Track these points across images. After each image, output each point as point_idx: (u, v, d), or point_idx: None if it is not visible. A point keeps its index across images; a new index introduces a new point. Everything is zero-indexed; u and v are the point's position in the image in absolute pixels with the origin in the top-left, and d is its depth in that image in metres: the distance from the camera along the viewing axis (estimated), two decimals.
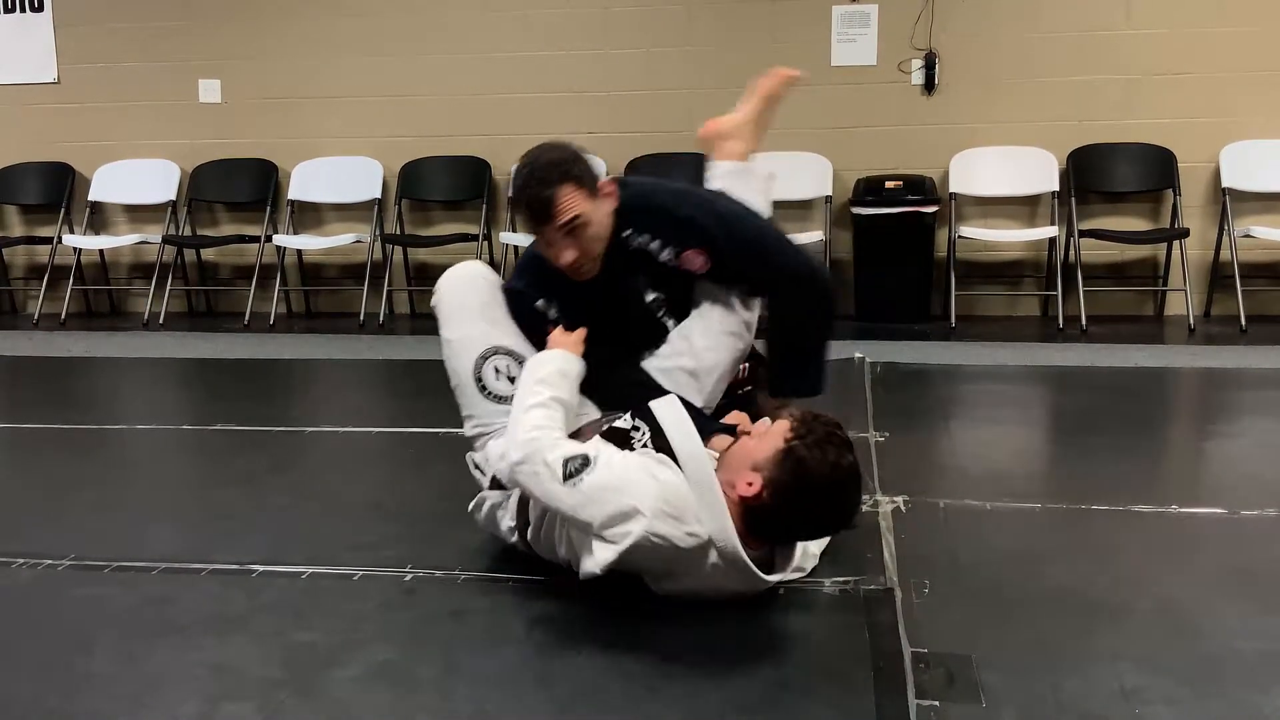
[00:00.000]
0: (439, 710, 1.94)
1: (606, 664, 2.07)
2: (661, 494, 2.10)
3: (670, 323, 2.63)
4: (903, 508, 2.87)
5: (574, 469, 2.14)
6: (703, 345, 2.59)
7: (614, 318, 2.59)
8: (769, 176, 2.92)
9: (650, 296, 2.61)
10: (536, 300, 2.59)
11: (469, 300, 2.60)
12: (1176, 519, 2.83)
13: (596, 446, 2.20)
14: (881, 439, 3.52)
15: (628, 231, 2.54)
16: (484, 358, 2.54)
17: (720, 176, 2.88)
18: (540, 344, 2.52)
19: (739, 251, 2.56)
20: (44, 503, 3.16)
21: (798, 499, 2.12)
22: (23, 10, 6.82)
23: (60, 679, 2.07)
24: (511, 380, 2.50)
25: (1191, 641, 2.14)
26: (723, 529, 2.12)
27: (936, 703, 1.89)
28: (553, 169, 2.41)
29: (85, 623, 2.31)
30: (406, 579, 2.46)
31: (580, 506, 2.13)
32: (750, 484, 2.12)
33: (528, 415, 2.28)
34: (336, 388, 5.04)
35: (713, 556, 2.14)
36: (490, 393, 2.53)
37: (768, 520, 2.16)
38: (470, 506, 2.58)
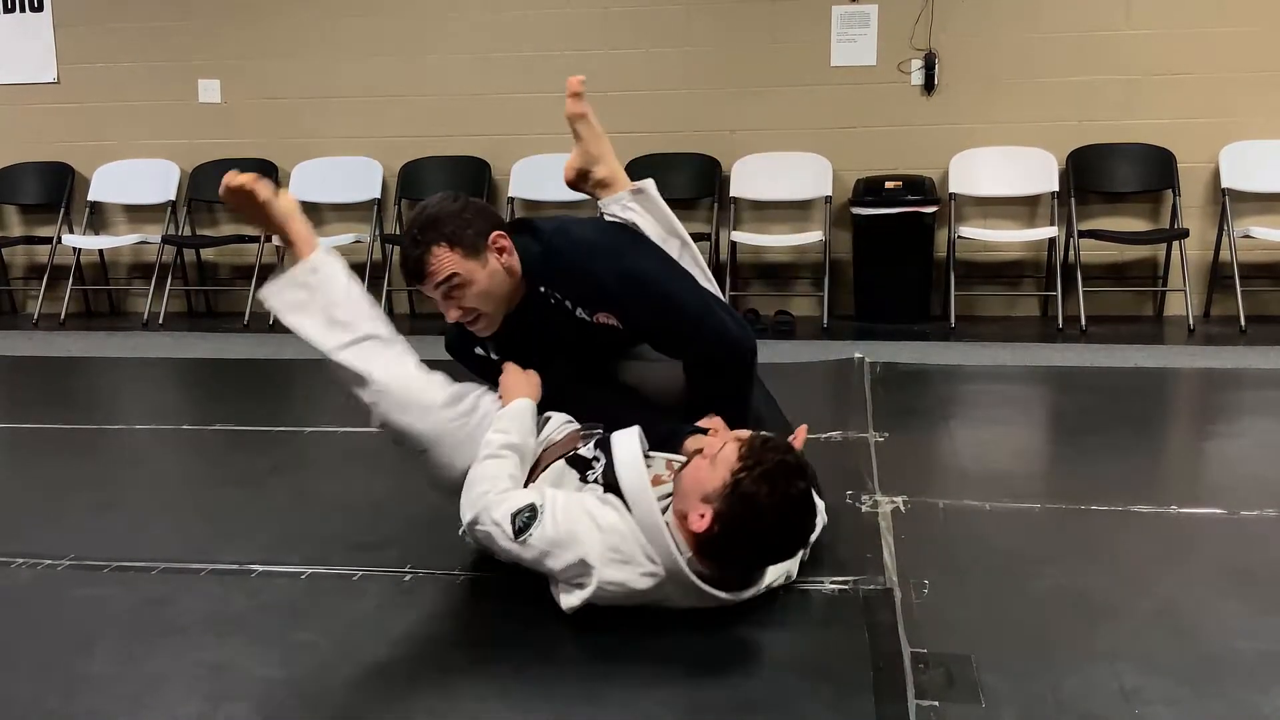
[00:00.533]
0: (438, 711, 1.94)
1: (605, 665, 2.07)
2: (605, 542, 2.13)
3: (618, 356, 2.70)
4: (902, 508, 2.87)
5: (522, 524, 2.18)
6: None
7: (554, 349, 2.62)
8: (641, 190, 2.81)
9: (579, 312, 2.57)
10: (474, 347, 2.65)
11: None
12: (1176, 519, 2.83)
13: (542, 493, 2.23)
14: (881, 439, 3.52)
15: (544, 289, 2.54)
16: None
17: (613, 214, 2.81)
18: (494, 384, 2.56)
19: (648, 318, 2.52)
20: (43, 503, 3.16)
21: (746, 532, 2.08)
22: (22, 10, 6.82)
23: (60, 679, 2.07)
24: None
25: (1191, 642, 2.14)
26: (674, 565, 2.11)
27: (936, 703, 1.89)
28: (427, 228, 2.43)
29: (85, 623, 2.31)
30: (406, 579, 2.46)
31: (537, 561, 2.18)
32: (701, 516, 2.08)
33: (479, 469, 2.33)
34: (336, 388, 5.02)
35: (673, 588, 2.14)
36: None
37: (720, 552, 2.12)
38: (461, 531, 2.53)
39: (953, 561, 2.55)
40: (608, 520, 2.15)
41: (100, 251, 6.87)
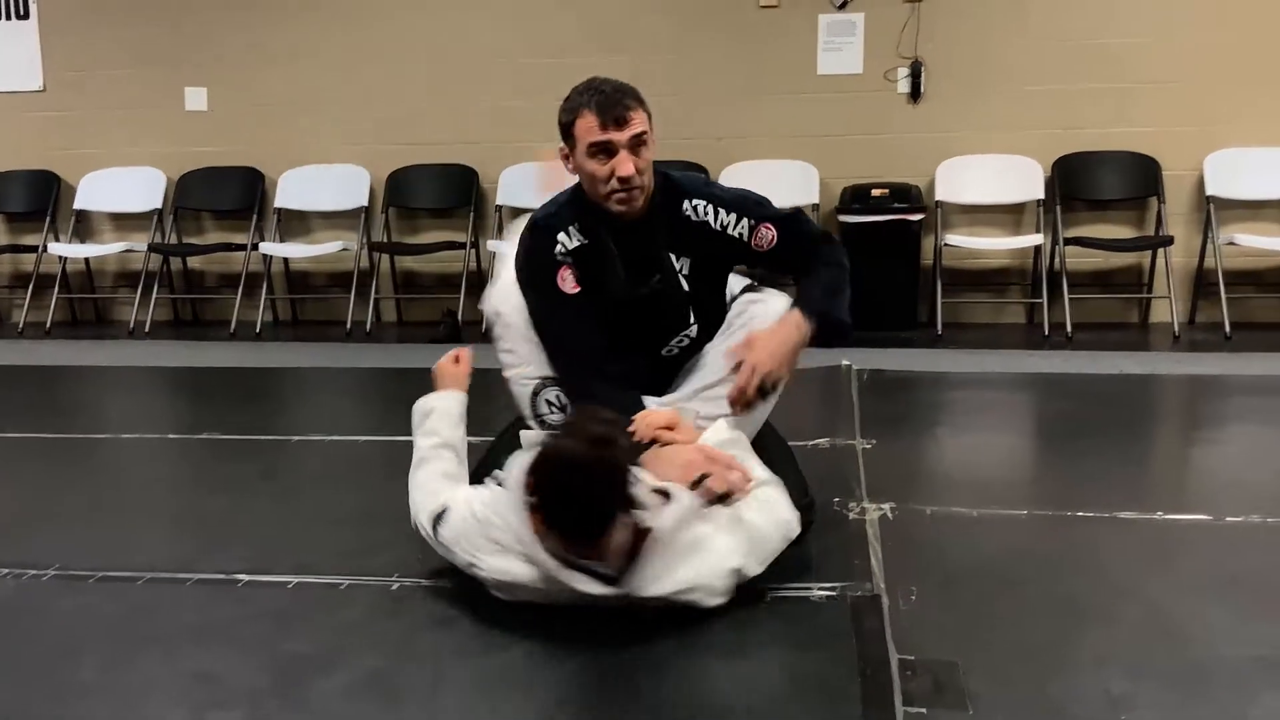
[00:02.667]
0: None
1: (593, 672, 2.07)
2: (482, 532, 2.25)
3: (692, 314, 2.68)
4: (889, 515, 2.88)
5: (437, 524, 2.35)
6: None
7: (634, 286, 2.61)
8: None
9: (684, 283, 2.65)
10: (555, 246, 2.60)
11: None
12: (1162, 525, 2.84)
13: (452, 495, 2.38)
14: (868, 446, 3.52)
15: (689, 202, 2.62)
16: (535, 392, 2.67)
17: None
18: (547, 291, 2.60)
19: (790, 222, 2.69)
20: (29, 512, 3.14)
21: (547, 492, 2.12)
22: (8, 18, 6.80)
23: (46, 689, 2.06)
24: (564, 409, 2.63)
25: (1178, 648, 2.14)
26: (530, 547, 2.16)
27: (924, 710, 1.89)
28: (623, 89, 2.53)
29: (71, 633, 2.30)
30: (394, 588, 2.46)
31: (451, 556, 2.33)
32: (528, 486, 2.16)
33: (413, 476, 2.50)
34: (323, 396, 5.03)
35: (549, 572, 2.17)
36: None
37: (545, 520, 2.14)
38: None
39: (940, 568, 2.55)
40: (483, 511, 2.26)
41: (86, 260, 6.85)
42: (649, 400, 2.62)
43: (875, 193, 5.91)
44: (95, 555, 2.71)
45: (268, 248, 6.49)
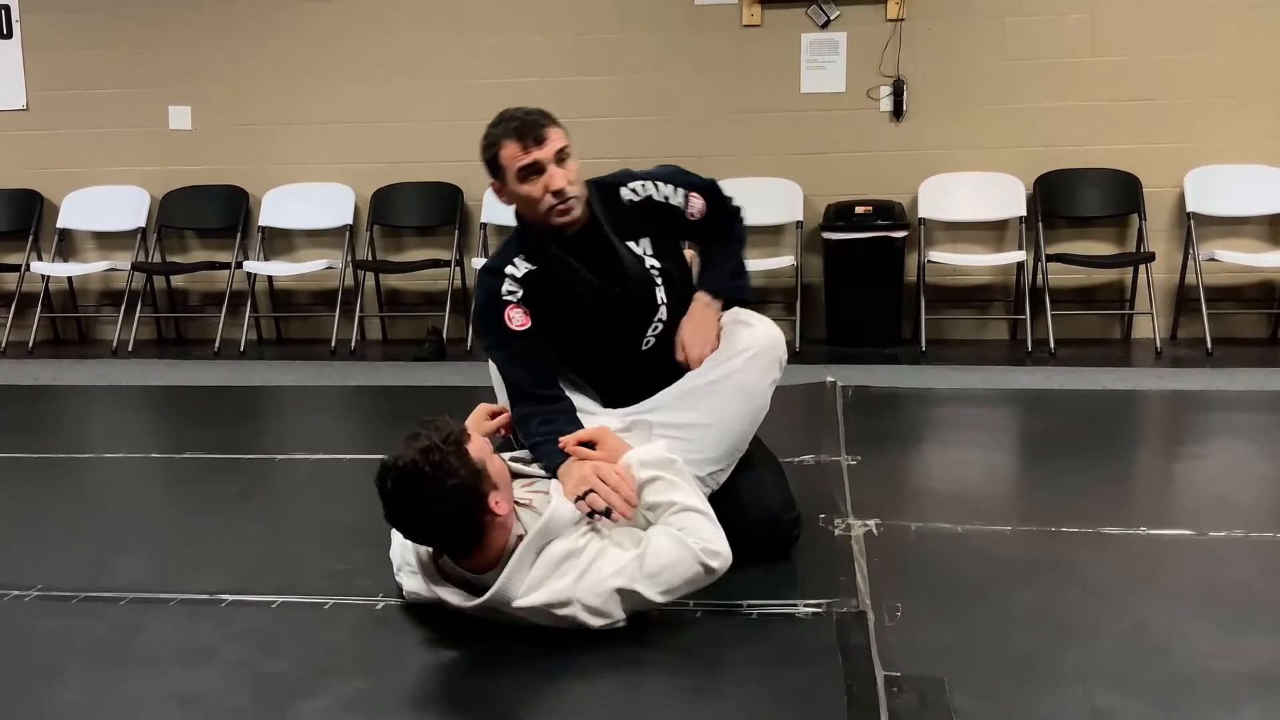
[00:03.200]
0: None
1: (579, 691, 2.07)
2: (399, 554, 2.43)
3: (661, 292, 2.71)
4: (875, 531, 2.88)
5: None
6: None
7: (606, 286, 2.64)
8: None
9: (651, 263, 2.71)
10: (503, 283, 2.63)
11: None
12: (1145, 540, 2.85)
13: None
14: (853, 462, 3.53)
15: (625, 188, 2.72)
16: None
17: None
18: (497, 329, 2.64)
19: (711, 193, 2.82)
20: (11, 532, 3.13)
21: (384, 502, 2.20)
22: None
23: (28, 710, 2.05)
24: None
25: (1162, 662, 2.15)
26: (408, 560, 2.33)
27: None
28: (541, 112, 2.62)
29: (53, 653, 2.28)
30: (379, 607, 2.45)
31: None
32: None
33: None
34: (308, 414, 5.01)
35: (426, 585, 2.29)
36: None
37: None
38: None
39: (925, 584, 2.56)
40: (396, 535, 2.36)
41: (69, 279, 6.82)
42: (607, 415, 2.63)
43: (859, 210, 5.93)
44: (78, 575, 2.70)
45: (252, 266, 6.48)
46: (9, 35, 6.77)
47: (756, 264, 6.06)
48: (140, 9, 6.61)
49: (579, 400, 2.67)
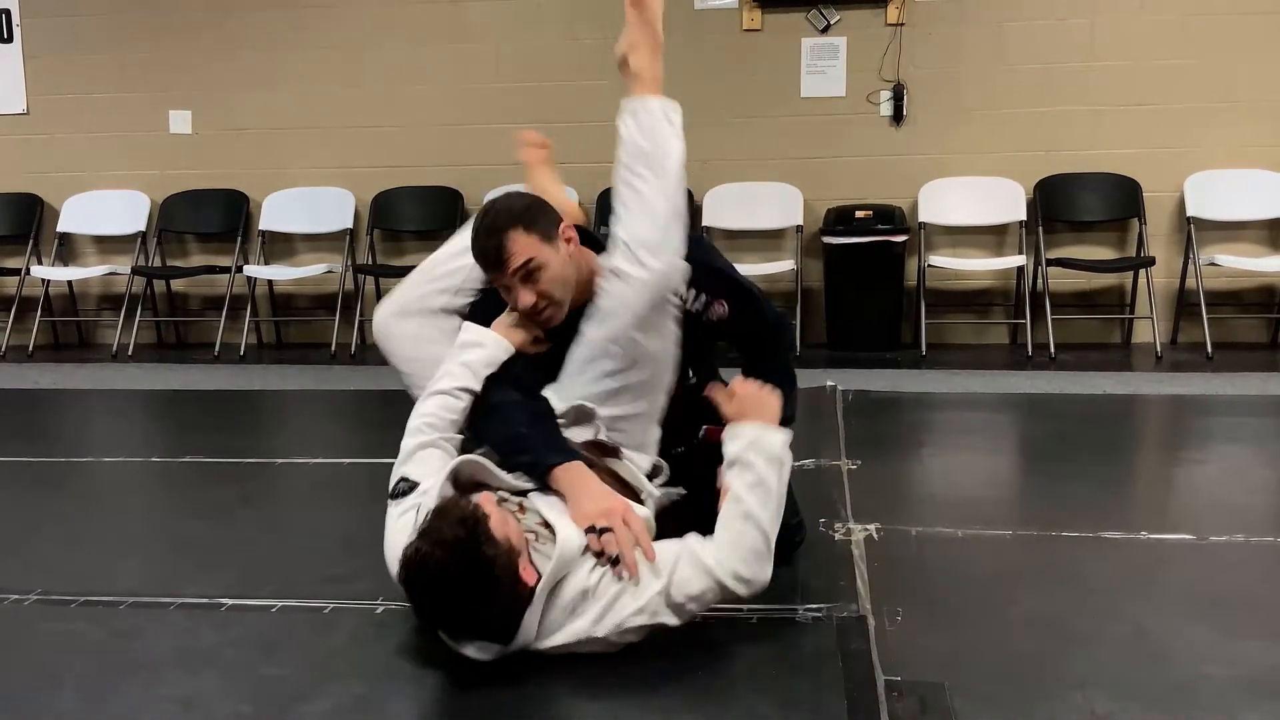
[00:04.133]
0: None
1: (578, 695, 2.07)
2: (387, 551, 2.28)
3: (689, 371, 2.62)
4: (875, 535, 2.88)
5: (398, 490, 2.36)
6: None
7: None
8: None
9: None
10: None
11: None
12: (1146, 545, 2.85)
13: (427, 486, 2.31)
14: (853, 467, 3.53)
15: None
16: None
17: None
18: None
19: (744, 304, 2.61)
20: (10, 536, 3.12)
21: (410, 597, 2.09)
22: None
23: (27, 715, 2.05)
24: None
25: (1162, 667, 2.15)
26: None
27: None
28: (501, 215, 2.41)
29: (52, 658, 2.28)
30: (378, 612, 2.45)
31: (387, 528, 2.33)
32: None
33: (421, 403, 2.52)
34: (308, 419, 5.02)
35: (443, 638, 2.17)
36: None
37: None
38: None
39: (925, 588, 2.55)
40: (390, 535, 2.27)
41: (69, 283, 6.82)
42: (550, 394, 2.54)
43: (859, 215, 5.94)
44: (77, 580, 2.69)
45: (252, 270, 6.48)
46: (9, 39, 6.78)
47: (756, 268, 6.07)
48: (140, 13, 6.62)
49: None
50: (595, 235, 2.64)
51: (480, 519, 2.03)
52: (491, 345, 2.50)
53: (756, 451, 2.25)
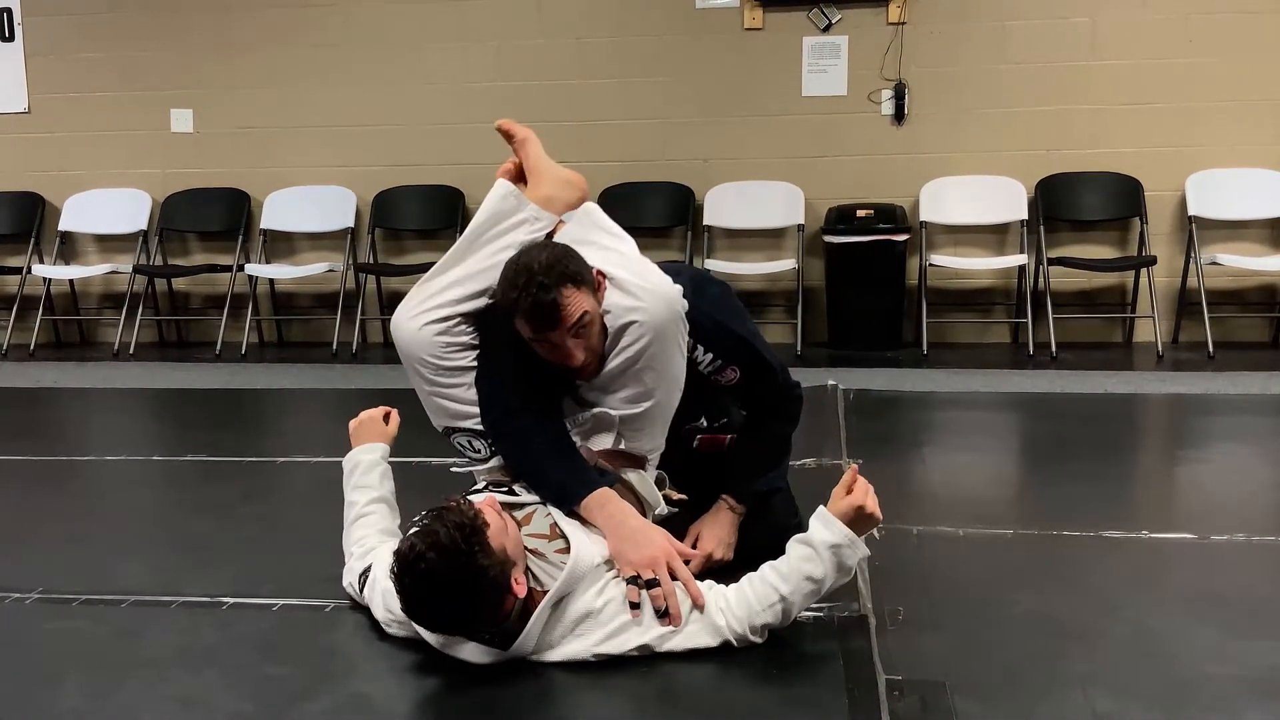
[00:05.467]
0: None
1: (578, 695, 2.07)
2: (386, 605, 2.27)
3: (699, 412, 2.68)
4: (876, 534, 2.87)
5: (363, 583, 2.39)
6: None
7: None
8: (590, 213, 2.67)
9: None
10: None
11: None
12: (1147, 544, 2.85)
13: (376, 554, 2.39)
14: (855, 466, 3.52)
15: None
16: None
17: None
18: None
19: (758, 373, 2.61)
20: (11, 535, 3.13)
21: (403, 598, 2.07)
22: None
23: (28, 713, 2.05)
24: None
25: (1163, 666, 2.15)
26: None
27: None
28: (550, 271, 2.30)
29: (54, 656, 2.28)
30: None
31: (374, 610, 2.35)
32: None
33: (348, 534, 2.59)
34: (309, 417, 5.01)
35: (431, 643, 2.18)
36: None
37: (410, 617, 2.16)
38: None
39: (926, 588, 2.55)
40: (386, 584, 2.21)
41: (71, 281, 6.82)
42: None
43: (860, 214, 5.93)
44: (79, 578, 2.69)
45: (253, 269, 6.48)
46: (11, 38, 6.78)
47: (757, 267, 6.08)
48: (142, 12, 6.62)
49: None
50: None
51: (478, 528, 2.03)
52: (364, 458, 2.67)
53: (835, 554, 2.18)
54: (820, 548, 2.17)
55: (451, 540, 1.99)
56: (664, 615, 2.15)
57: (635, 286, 2.41)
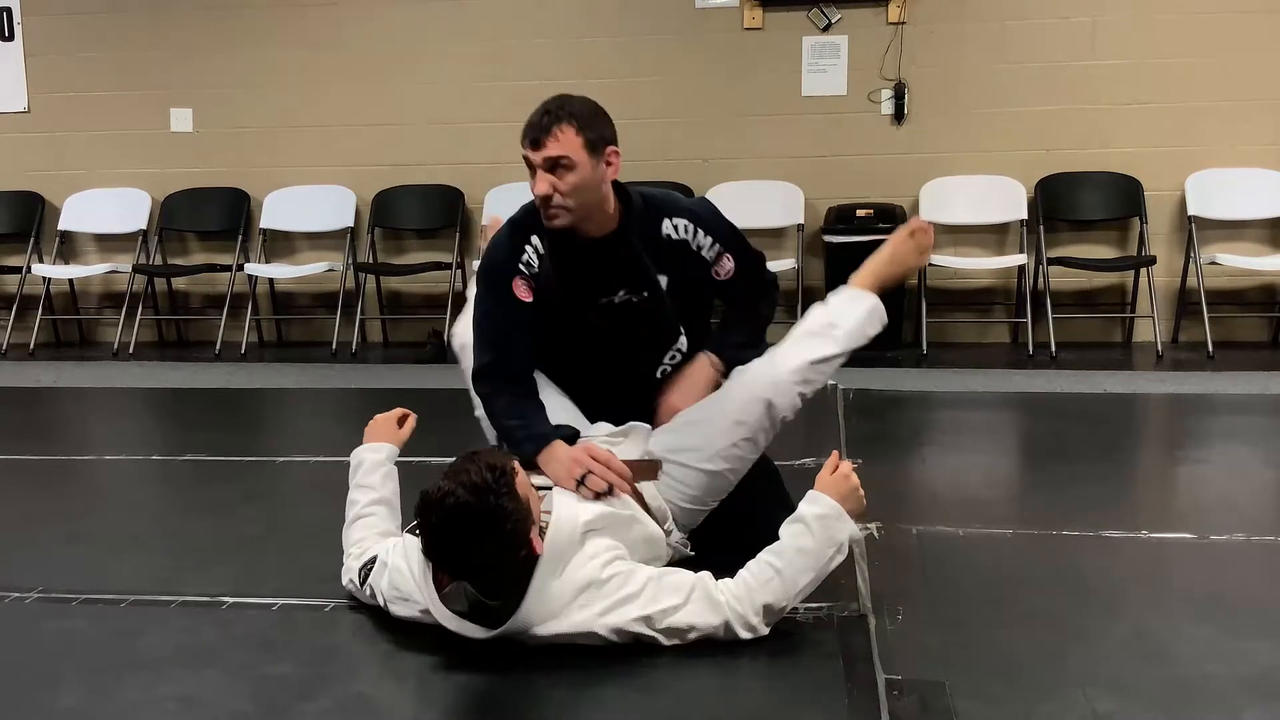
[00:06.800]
0: None
1: (580, 693, 2.07)
2: (391, 582, 2.29)
3: (680, 328, 2.69)
4: (876, 534, 2.88)
5: (365, 574, 2.38)
6: (716, 450, 2.57)
7: (601, 313, 2.61)
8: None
9: (666, 299, 2.64)
10: (514, 279, 2.57)
11: None
12: (1147, 544, 2.85)
13: (383, 547, 2.39)
14: (854, 465, 3.51)
15: (669, 221, 2.59)
16: None
17: None
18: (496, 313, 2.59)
19: (750, 263, 2.73)
20: (11, 534, 3.13)
21: (425, 538, 2.12)
22: None
23: (27, 713, 2.05)
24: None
25: (1163, 666, 2.15)
26: (420, 588, 2.20)
27: None
28: (564, 104, 2.53)
29: (53, 656, 2.28)
30: (379, 610, 2.44)
31: (377, 601, 2.35)
32: None
33: (348, 532, 2.58)
34: (308, 417, 5.01)
35: (439, 620, 2.18)
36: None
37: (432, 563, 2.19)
38: None
39: (926, 587, 2.56)
40: (394, 559, 2.28)
41: (70, 281, 6.82)
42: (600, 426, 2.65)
43: (860, 213, 5.93)
44: (78, 578, 2.70)
45: (253, 268, 6.48)
46: (10, 38, 6.78)
47: None
48: (142, 12, 6.62)
49: (561, 406, 2.65)
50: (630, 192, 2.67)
51: (507, 471, 2.10)
52: (369, 456, 2.67)
53: (822, 526, 2.24)
54: (809, 519, 2.25)
55: (482, 478, 2.05)
56: (609, 492, 2.30)
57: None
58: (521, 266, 2.57)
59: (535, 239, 2.58)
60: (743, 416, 2.57)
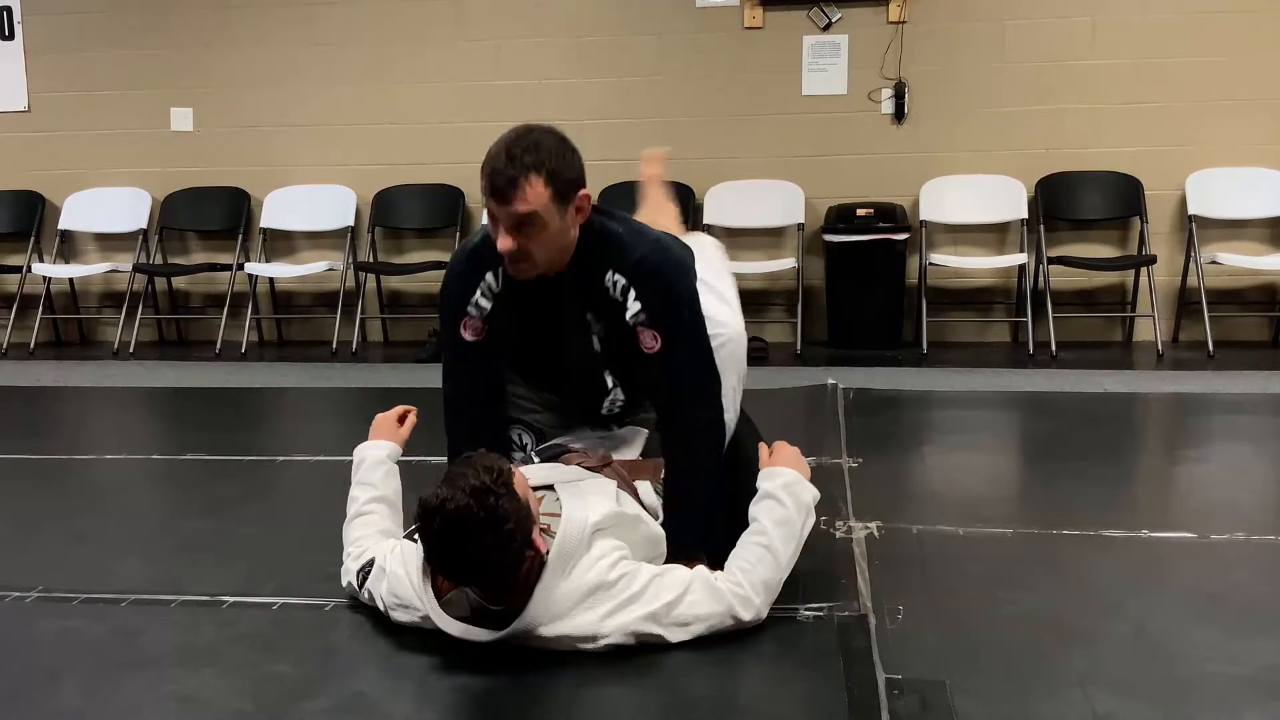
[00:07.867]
0: None
1: (579, 694, 2.07)
2: (390, 589, 2.29)
3: (609, 378, 2.57)
4: (876, 534, 2.88)
5: (363, 577, 2.38)
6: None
7: (550, 342, 2.56)
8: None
9: (597, 346, 2.51)
10: (474, 294, 2.49)
11: None
12: (1147, 543, 2.85)
13: (378, 548, 2.39)
14: (854, 465, 3.53)
15: (612, 273, 2.40)
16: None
17: None
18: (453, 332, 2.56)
19: (688, 361, 2.44)
20: (11, 534, 3.13)
21: (427, 544, 2.12)
22: None
23: (28, 712, 2.05)
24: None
25: (1163, 666, 2.15)
26: (419, 595, 2.20)
27: None
28: (531, 151, 2.25)
29: (54, 655, 2.28)
30: (379, 610, 2.44)
31: (377, 605, 2.35)
32: None
33: (347, 530, 2.57)
34: (309, 416, 5.01)
35: (439, 625, 2.18)
36: None
37: (434, 569, 2.19)
38: None
39: (926, 587, 2.55)
40: (392, 565, 2.28)
41: (70, 280, 6.82)
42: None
43: (860, 212, 5.93)
44: (78, 577, 2.69)
45: (253, 268, 6.48)
46: (10, 37, 6.78)
47: (757, 266, 6.07)
48: (142, 11, 6.62)
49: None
50: (610, 211, 2.54)
51: (504, 472, 2.10)
52: (370, 453, 2.66)
53: (790, 494, 2.34)
54: (777, 491, 2.33)
55: (480, 481, 2.05)
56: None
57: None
58: (470, 309, 2.49)
59: (490, 276, 2.46)
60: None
